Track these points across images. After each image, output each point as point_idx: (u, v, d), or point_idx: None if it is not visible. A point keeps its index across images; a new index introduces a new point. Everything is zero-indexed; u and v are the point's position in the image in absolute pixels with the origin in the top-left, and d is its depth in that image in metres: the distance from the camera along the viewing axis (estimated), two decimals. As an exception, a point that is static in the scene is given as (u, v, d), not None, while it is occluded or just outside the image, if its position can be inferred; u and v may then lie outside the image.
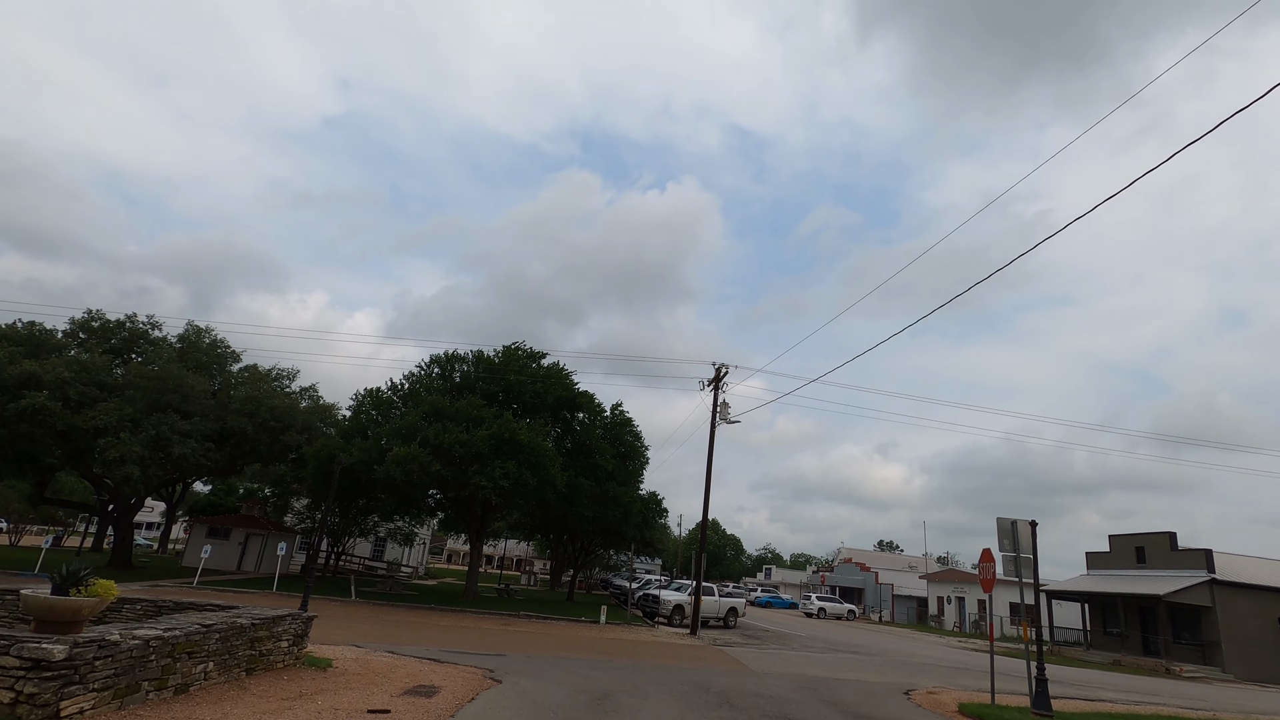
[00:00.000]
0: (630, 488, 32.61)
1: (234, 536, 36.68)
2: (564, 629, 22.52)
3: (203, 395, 28.29)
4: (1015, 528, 11.96)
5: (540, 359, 32.05)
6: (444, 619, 22.14)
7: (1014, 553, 11.90)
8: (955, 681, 16.49)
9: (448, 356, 30.74)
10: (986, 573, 12.33)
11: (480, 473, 24.63)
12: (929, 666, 20.45)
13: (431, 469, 24.17)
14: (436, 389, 28.84)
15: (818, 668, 17.05)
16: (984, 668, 21.91)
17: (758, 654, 19.45)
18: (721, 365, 27.42)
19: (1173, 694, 19.24)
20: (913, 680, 15.93)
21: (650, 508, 35.88)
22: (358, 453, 25.01)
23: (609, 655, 15.92)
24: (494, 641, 16.93)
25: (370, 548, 50.28)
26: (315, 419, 32.04)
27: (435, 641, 15.78)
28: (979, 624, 45.64)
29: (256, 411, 28.81)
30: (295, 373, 35.68)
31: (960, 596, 48.89)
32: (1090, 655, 31.88)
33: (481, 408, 27.11)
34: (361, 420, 27.81)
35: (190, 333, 32.68)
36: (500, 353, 31.38)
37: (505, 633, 19.55)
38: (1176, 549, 31.93)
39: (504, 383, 29.78)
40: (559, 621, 24.86)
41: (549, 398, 30.38)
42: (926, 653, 26.66)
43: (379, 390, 28.95)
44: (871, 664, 19.49)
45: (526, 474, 25.55)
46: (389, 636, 16.06)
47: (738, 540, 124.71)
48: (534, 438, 26.09)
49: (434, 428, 25.74)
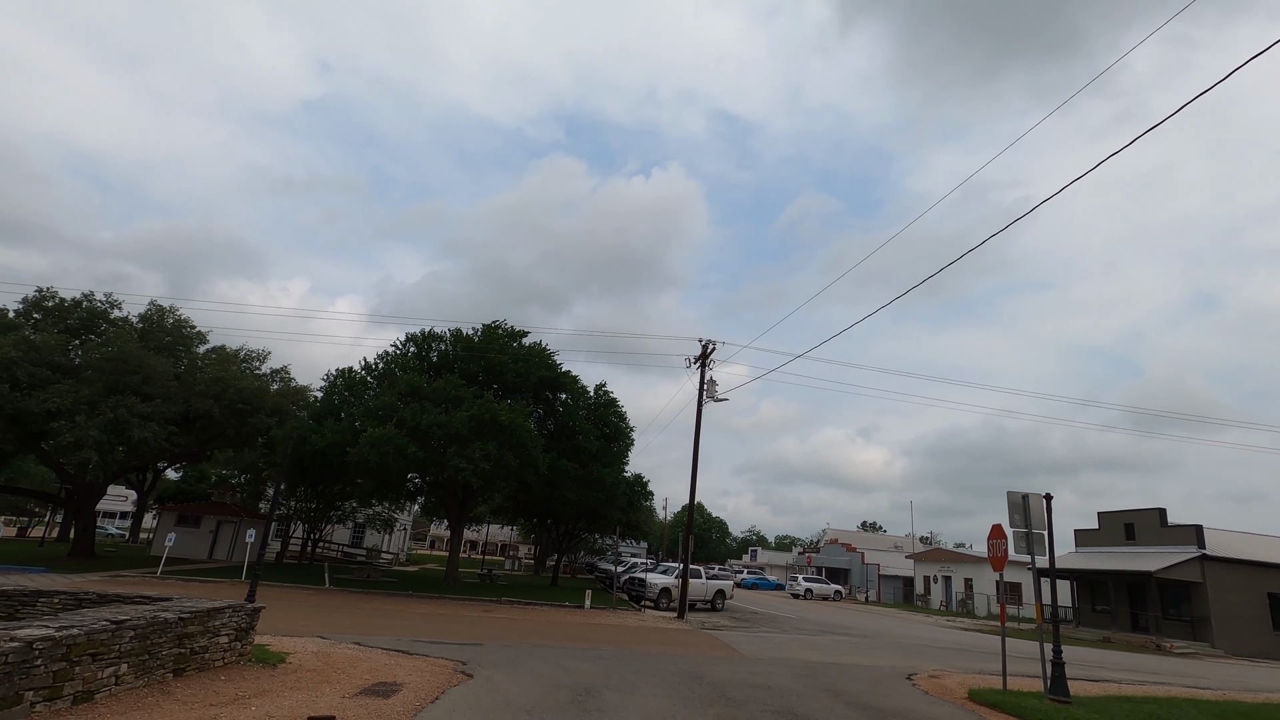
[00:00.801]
0: (615, 469, 31.76)
1: (205, 524, 35.42)
2: (547, 615, 21.67)
3: (165, 377, 26.90)
4: (1027, 502, 11.20)
5: (521, 338, 30.93)
6: (422, 606, 21.20)
7: (1026, 528, 11.16)
8: (955, 664, 15.85)
9: (425, 335, 29.53)
10: (998, 550, 11.58)
11: (459, 455, 23.62)
12: (924, 648, 19.87)
13: (407, 451, 23.10)
14: (413, 369, 27.68)
15: (812, 652, 16.34)
16: (980, 648, 21.44)
17: (748, 638, 18.72)
18: (709, 342, 26.51)
19: (1174, 672, 18.81)
20: (911, 663, 15.26)
21: (635, 490, 35.06)
22: (330, 435, 23.89)
23: (593, 643, 15.07)
24: (472, 630, 16.02)
25: (349, 534, 49.17)
26: (287, 402, 30.74)
27: (409, 631, 14.84)
28: (965, 603, 45.58)
29: (223, 394, 27.48)
30: (266, 354, 34.31)
31: (947, 576, 48.81)
32: (1079, 633, 31.66)
33: (461, 388, 26.02)
34: (334, 401, 26.60)
35: (153, 312, 31.14)
36: (480, 331, 30.22)
37: (485, 620, 18.65)
38: (1166, 525, 31.73)
39: (484, 362, 28.67)
40: (542, 607, 24.03)
41: (531, 378, 29.32)
42: (919, 633, 26.19)
43: (352, 370, 27.75)
44: (866, 646, 18.85)
45: (508, 456, 24.57)
46: (359, 626, 15.09)
47: (723, 523, 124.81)
48: (515, 418, 25.08)
49: (410, 408, 24.64)
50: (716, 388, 26.26)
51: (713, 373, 26.62)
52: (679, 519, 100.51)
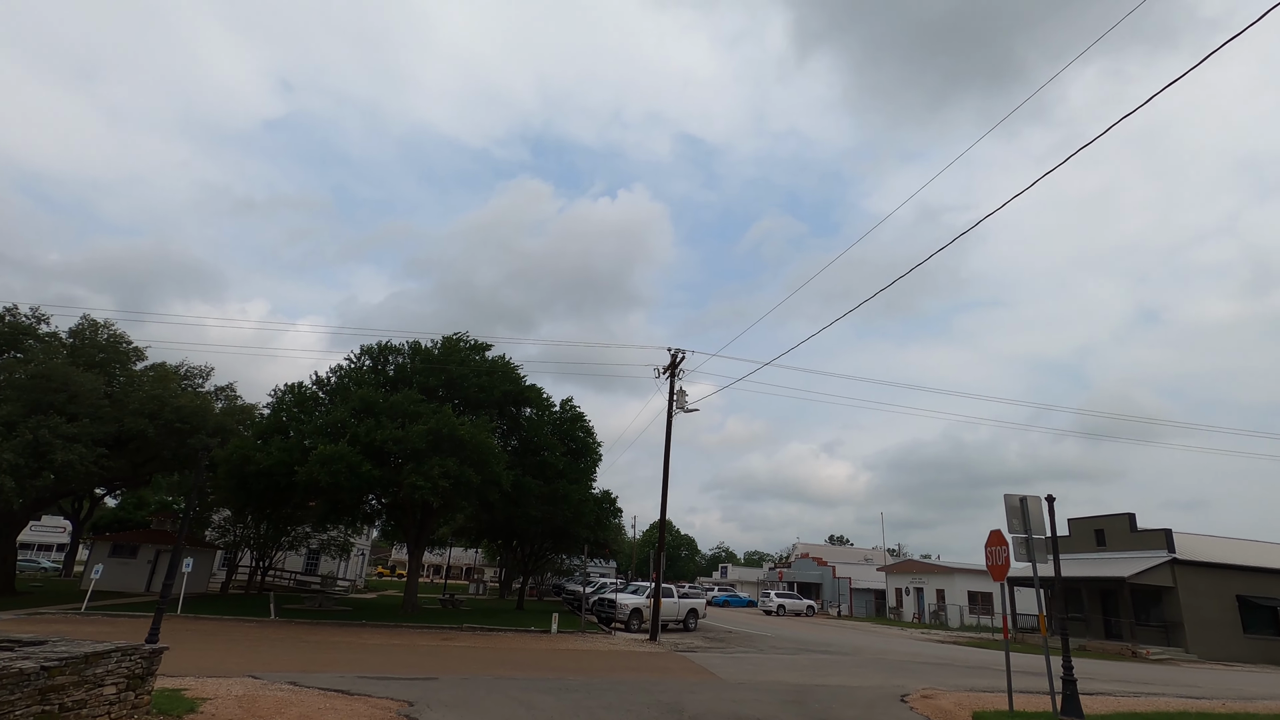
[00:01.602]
0: (582, 486, 30.55)
1: (142, 554, 32.99)
2: (511, 641, 20.31)
3: (94, 395, 24.91)
4: (1025, 505, 10.49)
5: (484, 351, 29.69)
6: (374, 636, 19.65)
7: (1025, 534, 10.44)
8: (945, 681, 15.05)
9: (381, 348, 28.06)
10: (997, 558, 10.80)
11: (416, 472, 22.21)
12: (908, 664, 19.07)
13: (361, 469, 21.61)
14: (368, 383, 26.20)
15: (794, 673, 15.38)
16: (966, 662, 20.73)
17: (726, 660, 17.68)
18: (678, 351, 25.69)
19: (1163, 681, 18.35)
20: (900, 682, 14.40)
21: (604, 507, 33.85)
22: (276, 453, 22.27)
23: (560, 672, 13.86)
24: (427, 662, 14.66)
25: (303, 561, 46.73)
26: (232, 420, 28.87)
27: (357, 665, 13.44)
28: (938, 615, 45.21)
29: (159, 412, 25.55)
30: (209, 370, 32.33)
31: (918, 587, 48.45)
32: (1055, 642, 31.33)
33: (419, 402, 24.64)
34: (281, 419, 24.93)
35: (85, 327, 29.03)
36: (439, 344, 28.86)
37: (443, 649, 17.26)
38: (1136, 530, 31.77)
39: (444, 376, 27.33)
40: (506, 633, 22.62)
41: (495, 392, 28.05)
42: (898, 648, 25.44)
43: (301, 385, 26.10)
44: (849, 664, 17.96)
45: (469, 472, 23.24)
46: (301, 662, 13.63)
47: (692, 540, 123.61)
48: (477, 434, 23.81)
49: (364, 424, 23.18)
50: (686, 398, 25.39)
51: (682, 383, 25.76)
52: (648, 537, 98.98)
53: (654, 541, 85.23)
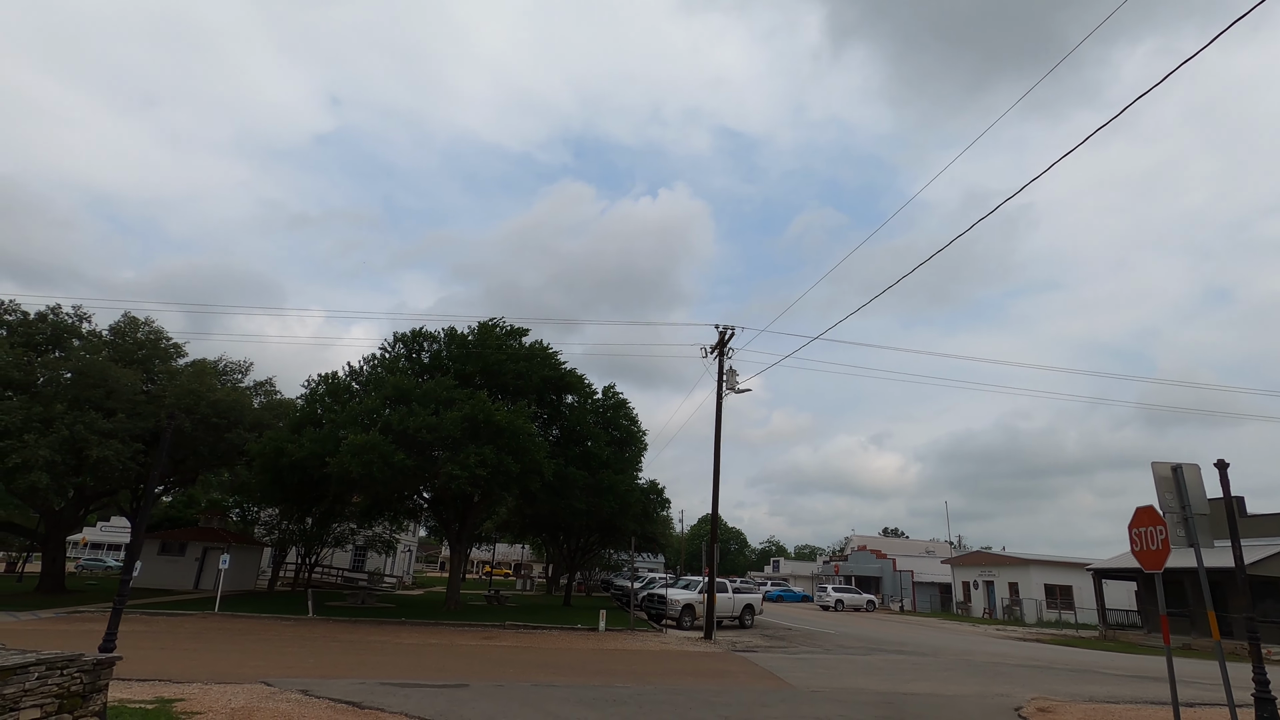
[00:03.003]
0: (627, 476, 29.02)
1: (190, 552, 32.87)
2: (556, 640, 18.90)
3: (132, 390, 24.52)
4: (1181, 475, 8.45)
5: (521, 335, 28.33)
6: (413, 636, 18.49)
7: (1182, 511, 8.40)
8: (1053, 688, 12.94)
9: (415, 334, 27.01)
10: (1151, 542, 8.75)
11: (452, 461, 21.00)
12: (1000, 667, 16.90)
13: (394, 459, 20.50)
14: (402, 370, 25.16)
15: (875, 678, 13.48)
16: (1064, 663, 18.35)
17: (793, 662, 15.87)
18: (727, 328, 23.85)
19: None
20: (1002, 690, 12.38)
21: (651, 498, 32.30)
22: (308, 445, 21.34)
23: (608, 676, 12.30)
24: (462, 665, 13.29)
25: (350, 558, 46.54)
26: (270, 415, 28.27)
27: (384, 670, 12.14)
28: (1011, 609, 42.21)
29: (196, 407, 25.00)
30: (248, 366, 31.88)
31: (988, 581, 45.44)
32: (1153, 639, 28.45)
33: (453, 388, 23.47)
34: (315, 410, 24.06)
35: (124, 324, 28.84)
36: (475, 330, 27.65)
37: (482, 651, 15.92)
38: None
39: (480, 363, 26.10)
40: (551, 631, 21.25)
41: (533, 378, 26.71)
42: (980, 647, 23.16)
43: (335, 375, 25.21)
44: (933, 668, 15.93)
45: (508, 461, 21.93)
46: (324, 666, 12.42)
47: (741, 534, 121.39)
48: (515, 420, 22.50)
49: (397, 412, 22.10)
50: (737, 378, 23.55)
51: (731, 363, 23.91)
52: (696, 531, 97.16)
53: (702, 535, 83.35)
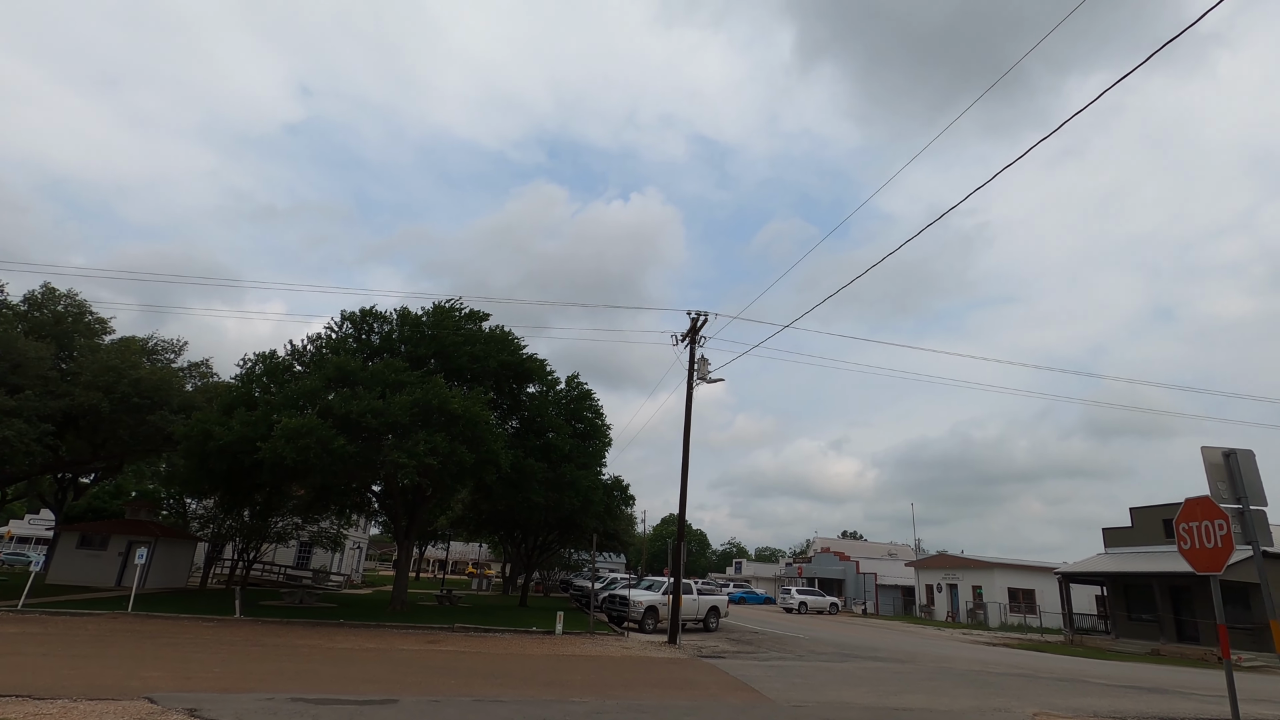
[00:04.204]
0: (590, 471, 27.56)
1: (113, 546, 30.19)
2: (508, 645, 17.31)
3: (42, 365, 22.17)
4: (1235, 462, 7.35)
5: (481, 320, 26.58)
6: (348, 639, 16.69)
7: (1239, 503, 7.30)
8: (1051, 700, 11.87)
9: (364, 313, 25.05)
10: (1207, 539, 7.56)
11: (399, 448, 19.22)
12: (985, 676, 15.88)
13: (333, 445, 18.65)
14: (349, 351, 23.24)
15: (857, 689, 12.25)
16: (1049, 672, 17.36)
17: (765, 670, 14.58)
18: (699, 314, 22.55)
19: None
20: (999, 703, 11.25)
21: (614, 495, 30.83)
22: (238, 427, 19.32)
23: (562, 689, 10.81)
24: (397, 674, 11.65)
25: (294, 555, 43.94)
26: (203, 398, 26.00)
27: (302, 680, 10.45)
28: (975, 613, 41.88)
29: (115, 385, 22.73)
30: (182, 345, 29.52)
31: (952, 584, 45.10)
32: (1121, 644, 28.06)
33: (404, 371, 21.68)
34: (251, 390, 21.97)
35: (41, 294, 26.30)
36: (430, 312, 25.80)
37: (424, 656, 14.26)
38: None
39: (435, 345, 24.32)
40: (503, 635, 19.62)
41: (492, 364, 25.00)
42: (955, 653, 22.26)
43: (274, 354, 23.14)
44: (916, 676, 14.81)
45: (461, 450, 20.26)
46: (232, 676, 10.66)
47: (703, 535, 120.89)
48: (471, 407, 20.82)
49: (340, 395, 20.25)
50: (709, 367, 22.26)
51: (703, 351, 22.62)
52: (659, 532, 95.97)
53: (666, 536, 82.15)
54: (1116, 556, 31.70)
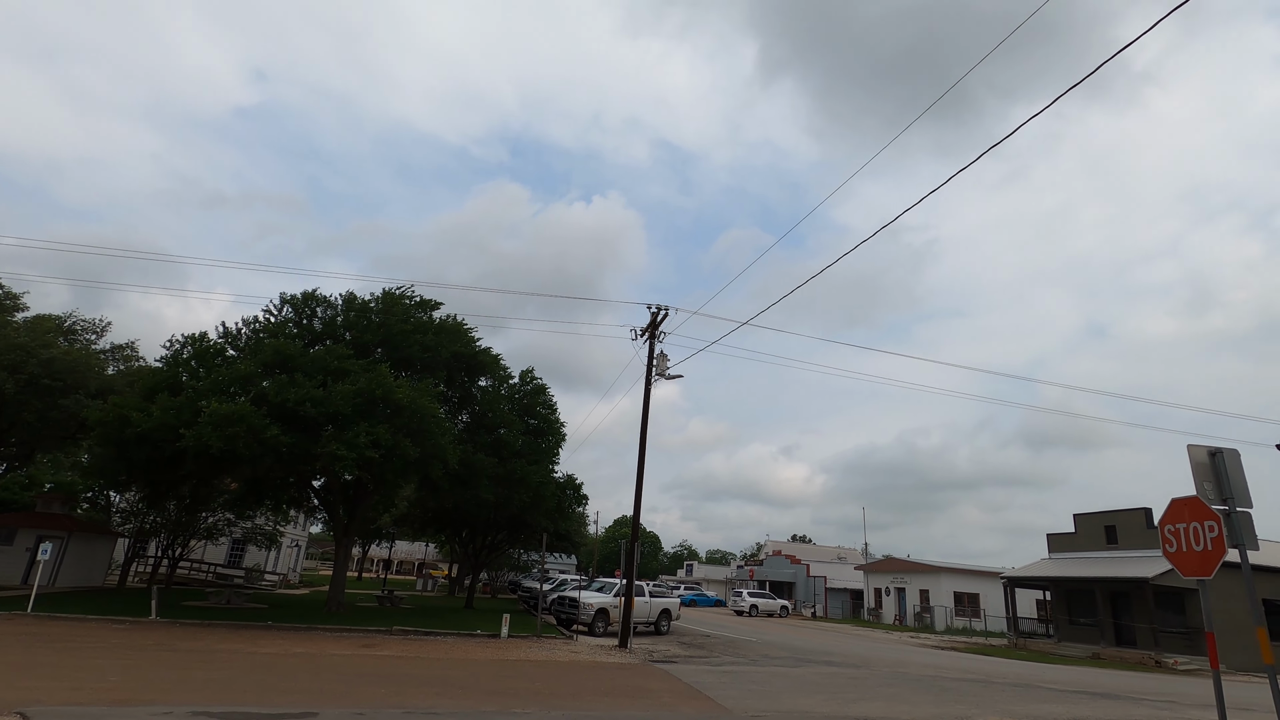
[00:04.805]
0: (542, 468, 26.67)
1: (20, 540, 27.89)
2: (449, 649, 16.34)
3: (-61, 341, 20.20)
4: (1220, 462, 7.06)
5: (433, 309, 25.46)
6: (275, 643, 15.46)
7: (1224, 504, 7.00)
8: (1007, 708, 11.61)
9: (306, 296, 23.66)
10: (1195, 541, 7.25)
11: (338, 439, 18.03)
12: (940, 681, 15.64)
13: (266, 434, 17.38)
14: (288, 335, 21.86)
15: (815, 696, 11.77)
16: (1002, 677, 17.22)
17: (719, 677, 14.00)
18: (659, 308, 21.93)
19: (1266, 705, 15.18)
20: (956, 709, 10.91)
21: (566, 493, 30.00)
22: (159, 413, 17.82)
23: (504, 698, 10.01)
24: (322, 682, 10.64)
25: (225, 552, 41.62)
26: (125, 382, 24.18)
27: (211, 691, 9.38)
28: (922, 616, 42.38)
29: (22, 364, 20.88)
30: (104, 326, 27.52)
31: (900, 588, 45.61)
32: (1063, 648, 28.54)
33: (348, 359, 20.48)
34: (178, 374, 20.38)
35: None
36: (379, 298, 24.56)
37: (356, 662, 13.22)
38: (1153, 526, 29.17)
39: (383, 333, 23.13)
40: (445, 638, 18.60)
41: (443, 354, 23.97)
42: (907, 657, 22.15)
43: (204, 336, 21.58)
44: (873, 682, 14.45)
45: (405, 444, 19.20)
46: (130, 686, 9.51)
47: (655, 537, 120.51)
48: (418, 398, 19.78)
49: (276, 381, 18.93)
50: (668, 363, 21.67)
51: (662, 346, 22.02)
52: (611, 533, 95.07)
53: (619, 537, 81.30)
54: (1060, 561, 32.38)
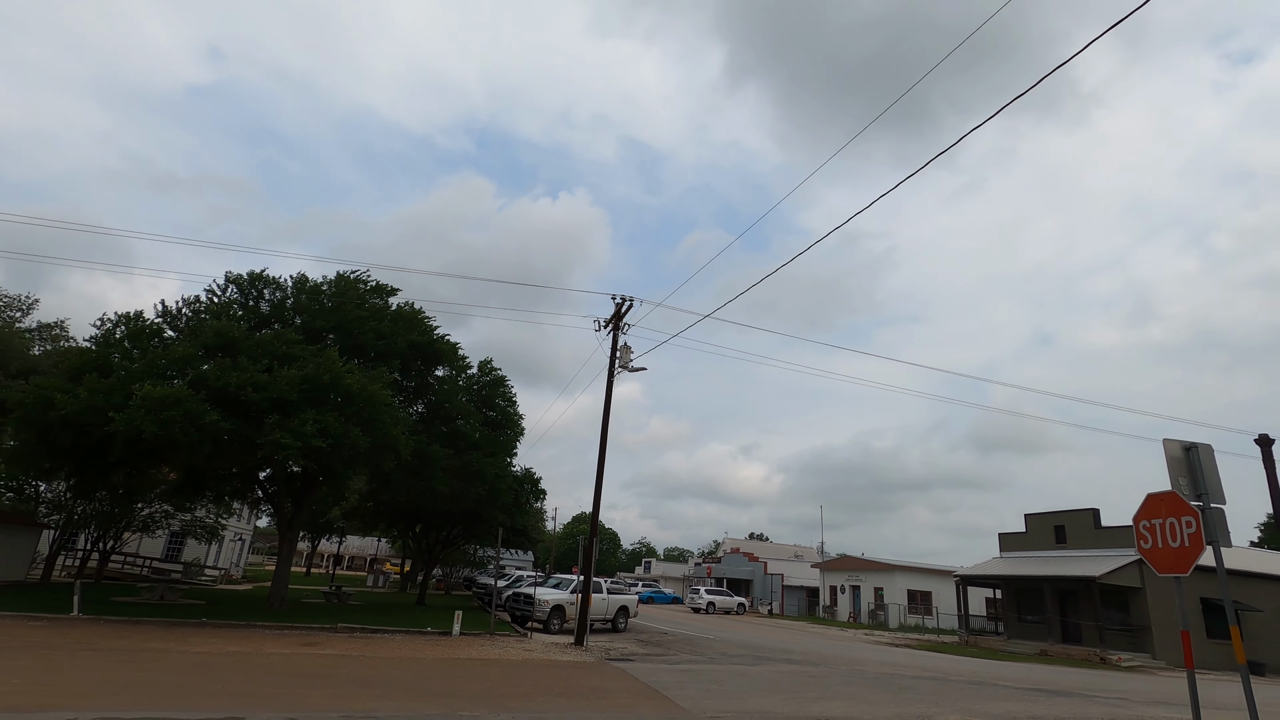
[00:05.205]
0: (499, 460, 25.94)
1: (-67, 532, 26.11)
2: (396, 647, 15.64)
3: None
4: (1196, 457, 6.93)
5: (389, 294, 24.54)
6: (209, 641, 14.55)
7: (1199, 500, 6.87)
8: (967, 706, 11.52)
9: (253, 276, 22.52)
10: (1173, 537, 7.09)
11: (282, 427, 17.11)
12: (898, 679, 15.59)
13: (204, 420, 16.37)
14: (231, 317, 20.73)
15: (774, 696, 11.50)
16: (958, 675, 17.30)
17: (677, 675, 13.65)
18: (624, 298, 21.49)
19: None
20: (917, 708, 10.77)
21: (524, 487, 29.36)
22: (87, 395, 16.64)
23: (450, 700, 9.46)
24: (255, 684, 9.93)
25: (164, 546, 39.70)
26: (52, 364, 22.65)
27: (131, 694, 8.61)
28: (876, 614, 42.92)
29: (-64, 341, 19.33)
30: (31, 303, 25.82)
31: (855, 585, 46.14)
32: (1013, 645, 29.09)
33: (296, 343, 19.51)
34: (109, 355, 19.11)
35: None
36: (332, 282, 23.54)
37: (294, 661, 12.47)
38: (1100, 527, 29.96)
39: (336, 318, 22.15)
40: (393, 636, 17.86)
41: (398, 342, 23.06)
42: (864, 655, 22.19)
43: (139, 315, 20.31)
44: (832, 681, 14.29)
45: (355, 433, 18.33)
46: (39, 689, 8.68)
47: (614, 534, 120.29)
48: (370, 386, 18.92)
49: (218, 364, 17.88)
50: (631, 355, 21.25)
51: (626, 338, 21.58)
52: (570, 530, 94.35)
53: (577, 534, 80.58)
54: (1011, 560, 33.08)
